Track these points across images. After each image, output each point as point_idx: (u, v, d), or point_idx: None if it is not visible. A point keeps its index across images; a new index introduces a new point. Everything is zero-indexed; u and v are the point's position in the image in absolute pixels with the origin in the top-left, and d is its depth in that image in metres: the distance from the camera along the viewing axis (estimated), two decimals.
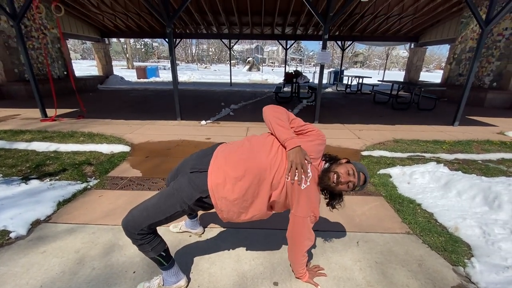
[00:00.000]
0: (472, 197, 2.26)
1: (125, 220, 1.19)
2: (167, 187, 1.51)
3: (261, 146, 1.25)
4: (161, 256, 1.26)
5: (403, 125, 5.40)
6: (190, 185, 1.19)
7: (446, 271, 1.61)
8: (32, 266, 1.55)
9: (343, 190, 1.30)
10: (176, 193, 1.19)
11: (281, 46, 13.88)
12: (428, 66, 47.85)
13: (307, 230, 1.33)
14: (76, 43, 44.85)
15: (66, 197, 2.32)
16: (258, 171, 1.18)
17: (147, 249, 1.21)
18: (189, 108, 6.75)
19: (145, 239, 1.19)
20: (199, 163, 1.26)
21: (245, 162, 1.19)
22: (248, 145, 1.27)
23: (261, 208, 1.25)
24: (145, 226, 1.16)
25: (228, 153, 1.26)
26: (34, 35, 8.20)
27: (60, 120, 5.16)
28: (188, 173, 1.23)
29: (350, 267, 1.62)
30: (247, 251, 1.73)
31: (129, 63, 27.39)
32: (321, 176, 1.27)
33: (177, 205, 1.19)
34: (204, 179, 1.19)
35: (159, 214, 1.18)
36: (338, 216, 2.16)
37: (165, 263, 1.30)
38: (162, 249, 1.26)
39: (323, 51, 4.72)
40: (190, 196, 1.18)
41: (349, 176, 1.25)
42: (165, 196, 1.21)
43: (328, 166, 1.30)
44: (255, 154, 1.21)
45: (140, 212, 1.18)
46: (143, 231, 1.17)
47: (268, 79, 17.78)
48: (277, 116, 1.26)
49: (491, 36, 7.93)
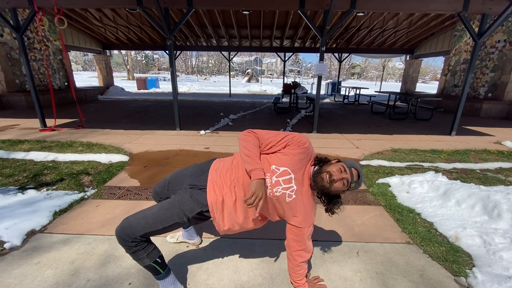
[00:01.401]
0: (472, 206, 2.25)
1: (120, 227, 1.18)
2: (154, 198, 1.56)
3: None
4: (157, 263, 1.24)
5: (400, 135, 5.44)
6: (192, 199, 1.25)
7: (448, 281, 1.58)
8: (26, 278, 1.52)
9: (339, 189, 1.26)
10: (178, 205, 1.23)
11: (279, 58, 14.15)
12: (424, 77, 48.69)
13: (302, 239, 1.32)
14: (78, 54, 45.56)
15: (63, 207, 2.29)
16: (243, 185, 1.24)
17: (142, 255, 1.20)
18: (188, 118, 6.79)
19: (139, 245, 1.18)
20: (197, 180, 1.31)
21: (234, 177, 1.26)
22: (236, 161, 1.33)
23: (253, 219, 1.30)
24: (140, 235, 1.17)
25: (221, 170, 1.32)
26: (36, 46, 8.35)
27: (59, 130, 5.17)
28: (188, 188, 1.29)
29: (350, 278, 1.59)
30: (245, 262, 1.70)
31: (130, 75, 27.74)
32: (314, 179, 1.27)
33: (176, 217, 1.23)
34: (203, 195, 1.25)
35: (158, 224, 1.20)
36: (337, 226, 2.14)
37: (161, 271, 1.27)
38: (157, 255, 1.25)
39: (320, 62, 4.81)
40: (191, 209, 1.24)
41: (342, 173, 1.23)
42: (166, 207, 1.24)
43: (318, 168, 1.29)
44: (240, 170, 1.27)
45: (138, 220, 1.19)
46: (136, 239, 1.17)
47: (267, 90, 18.00)
48: (244, 146, 1.25)
49: (484, 48, 8.13)
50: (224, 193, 1.24)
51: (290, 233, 1.34)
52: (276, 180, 1.22)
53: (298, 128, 5.93)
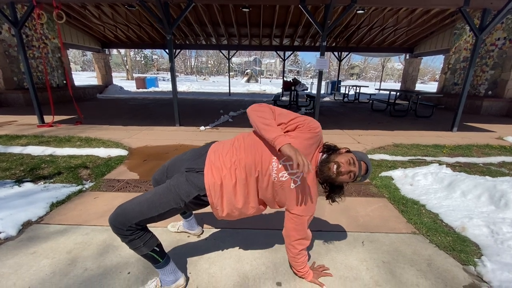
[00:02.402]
0: (478, 197, 2.21)
1: (114, 215, 1.11)
2: (154, 186, 1.49)
3: (252, 145, 1.22)
4: (155, 252, 1.19)
5: (402, 130, 5.41)
6: (188, 183, 1.17)
7: (456, 270, 1.54)
8: (21, 267, 1.46)
9: (344, 181, 1.23)
10: (173, 189, 1.15)
11: (278, 58, 14.13)
12: (423, 78, 48.82)
13: (302, 228, 1.28)
14: (77, 55, 45.46)
15: (60, 198, 2.24)
16: (245, 168, 1.17)
17: (139, 244, 1.14)
18: (188, 115, 6.74)
19: (135, 234, 1.12)
20: (194, 163, 1.24)
21: (235, 159, 1.19)
22: (238, 143, 1.26)
23: (254, 204, 1.23)
24: (135, 223, 1.10)
25: (220, 152, 1.24)
26: (35, 44, 8.29)
27: (58, 126, 5.11)
28: (184, 172, 1.21)
29: (356, 266, 1.54)
30: (247, 251, 1.65)
31: (129, 74, 27.67)
32: (320, 168, 1.22)
33: (172, 202, 1.15)
34: (201, 179, 1.17)
35: (153, 210, 1.13)
36: (341, 217, 2.09)
37: (160, 259, 1.22)
38: (155, 244, 1.19)
39: (321, 57, 4.78)
40: (188, 193, 1.15)
41: (350, 165, 1.18)
42: (160, 193, 1.17)
43: (327, 156, 1.23)
44: (245, 152, 1.20)
45: (132, 207, 1.12)
46: (132, 227, 1.10)
47: (266, 90, 17.97)
48: (261, 115, 1.16)
49: (484, 46, 8.12)
50: (223, 175, 1.16)
51: (290, 222, 1.29)
52: (284, 164, 1.17)
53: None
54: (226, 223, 1.96)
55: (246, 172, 1.18)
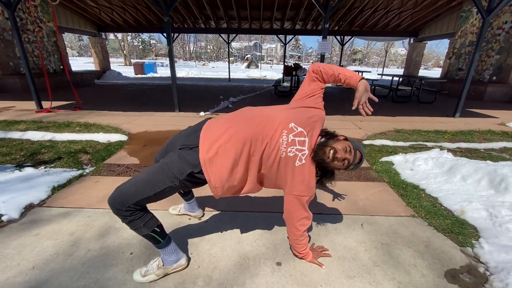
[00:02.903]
0: (478, 181, 2.21)
1: (112, 196, 1.11)
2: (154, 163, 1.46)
3: (253, 117, 1.20)
4: (155, 232, 1.19)
5: (403, 116, 5.36)
6: (181, 160, 1.14)
7: (453, 251, 1.56)
8: (24, 248, 1.49)
9: (337, 167, 1.24)
10: (166, 167, 1.13)
11: (279, 43, 13.78)
12: (426, 63, 47.90)
13: (303, 208, 1.29)
14: (73, 39, 44.48)
15: (61, 182, 2.25)
16: (245, 140, 1.13)
17: (139, 225, 1.14)
18: (187, 101, 6.67)
19: (135, 215, 1.12)
20: (187, 140, 1.21)
21: (233, 131, 1.14)
22: (239, 115, 1.23)
23: (252, 180, 1.20)
24: (133, 203, 1.09)
25: (217, 125, 1.20)
26: (29, 28, 8.06)
27: (56, 112, 5.07)
28: (178, 149, 1.18)
29: (355, 248, 1.57)
30: (248, 233, 1.67)
31: (127, 60, 27.14)
32: (316, 150, 1.20)
33: (167, 180, 1.12)
34: (195, 155, 1.13)
35: (148, 189, 1.11)
36: (340, 200, 2.11)
37: (161, 240, 1.23)
38: (155, 224, 1.19)
39: (324, 40, 4.65)
40: (181, 170, 1.12)
41: (346, 153, 1.20)
42: (154, 171, 1.14)
43: (325, 140, 1.23)
44: (244, 123, 1.17)
45: (128, 187, 1.11)
46: (130, 207, 1.09)
47: (266, 76, 17.67)
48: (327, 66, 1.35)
49: (490, 30, 7.89)
50: (220, 149, 1.11)
51: (291, 204, 1.28)
52: (293, 139, 1.16)
53: None
54: (227, 206, 1.98)
55: (248, 145, 1.13)
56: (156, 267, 1.29)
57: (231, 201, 2.05)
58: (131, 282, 1.28)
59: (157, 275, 1.28)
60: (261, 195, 2.16)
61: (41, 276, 1.30)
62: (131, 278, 1.29)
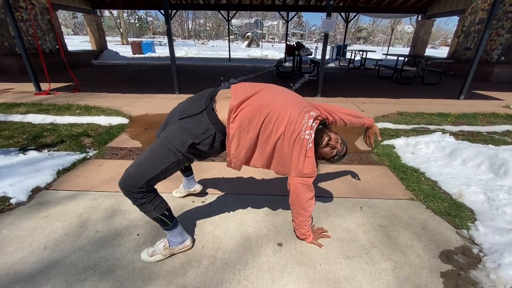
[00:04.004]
0: (478, 165, 2.23)
1: (122, 179, 1.12)
2: None
3: (283, 95, 1.24)
4: (165, 215, 1.23)
5: (407, 98, 5.28)
6: (181, 131, 1.11)
7: (449, 233, 1.61)
8: (35, 230, 1.55)
9: (325, 154, 1.33)
10: (167, 142, 1.10)
11: (281, 20, 13.24)
12: (434, 42, 46.25)
13: (309, 189, 1.31)
14: (67, 17, 42.87)
15: (66, 166, 2.28)
16: (273, 113, 1.14)
17: (149, 208, 1.16)
18: (187, 82, 6.56)
19: (146, 197, 1.14)
20: (188, 109, 1.17)
21: (242, 98, 1.13)
22: (270, 90, 1.23)
23: (262, 152, 1.23)
24: (143, 183, 1.10)
25: (222, 95, 1.22)
26: (22, 5, 7.74)
27: (55, 94, 5.01)
28: (177, 120, 1.15)
29: (354, 229, 1.62)
30: (250, 215, 1.72)
31: (124, 39, 26.32)
32: (315, 133, 1.26)
33: (171, 155, 1.11)
34: (194, 123, 1.11)
35: (153, 167, 1.10)
36: (341, 184, 2.14)
37: (169, 223, 1.27)
38: (164, 208, 1.22)
39: (327, 18, 4.46)
40: (182, 143, 1.10)
41: (337, 143, 1.32)
42: (156, 148, 1.13)
43: (323, 128, 1.32)
44: (276, 98, 1.19)
45: (135, 168, 1.12)
46: (142, 189, 1.11)
47: (268, 55, 17.18)
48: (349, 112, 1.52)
49: (502, 7, 7.51)
50: (246, 113, 1.11)
51: (299, 187, 1.28)
52: (311, 125, 1.21)
53: (301, 92, 5.70)
54: (229, 189, 2.02)
55: (275, 118, 1.13)
56: (162, 247, 1.34)
57: (233, 184, 2.08)
58: (139, 261, 1.34)
59: (164, 255, 1.34)
60: (263, 178, 2.20)
61: (53, 256, 1.36)
62: (139, 257, 1.35)
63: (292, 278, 1.28)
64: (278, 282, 1.25)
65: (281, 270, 1.32)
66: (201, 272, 1.29)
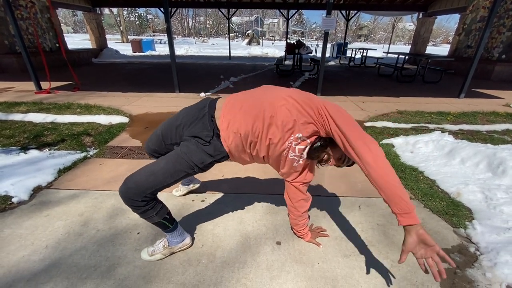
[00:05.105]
0: (476, 164, 2.24)
1: (125, 188, 1.09)
2: (151, 155, 1.42)
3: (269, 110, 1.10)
4: (166, 219, 1.25)
5: (407, 97, 5.28)
6: (199, 150, 1.14)
7: (446, 232, 1.62)
8: (37, 228, 1.56)
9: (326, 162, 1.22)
10: (186, 157, 1.13)
11: (282, 17, 13.18)
12: (435, 39, 46.03)
13: (300, 191, 1.32)
14: (67, 15, 42.76)
15: (67, 165, 2.30)
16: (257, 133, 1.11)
17: (151, 214, 1.17)
18: (187, 81, 6.56)
19: (149, 204, 1.14)
20: (197, 129, 1.16)
21: (257, 111, 1.11)
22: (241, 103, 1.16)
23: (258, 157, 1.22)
24: (150, 192, 1.11)
25: (237, 115, 1.14)
26: (22, 3, 7.73)
27: (55, 93, 5.02)
28: (192, 139, 1.16)
29: (352, 228, 1.63)
30: (249, 214, 1.74)
31: (124, 37, 26.27)
32: (310, 152, 1.14)
33: (187, 169, 1.15)
34: (211, 149, 1.14)
35: (168, 178, 1.13)
36: (340, 183, 2.15)
37: (170, 225, 1.29)
38: (165, 212, 1.24)
39: (328, 16, 4.45)
40: (201, 160, 1.14)
41: (339, 161, 1.17)
42: (173, 161, 1.14)
43: (323, 145, 1.12)
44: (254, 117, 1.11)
45: (146, 177, 1.11)
46: (146, 197, 1.11)
47: (268, 53, 17.15)
48: None
49: (504, 4, 7.47)
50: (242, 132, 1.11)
51: (288, 186, 1.33)
52: (295, 147, 1.13)
53: None
54: (228, 188, 2.03)
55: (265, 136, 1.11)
56: (162, 247, 1.36)
57: (232, 183, 2.10)
58: (140, 260, 1.36)
59: (164, 254, 1.36)
60: (262, 177, 2.21)
61: (55, 255, 1.38)
62: (140, 256, 1.37)
63: (290, 276, 1.29)
64: (277, 280, 1.27)
65: (279, 269, 1.34)
66: (201, 270, 1.31)
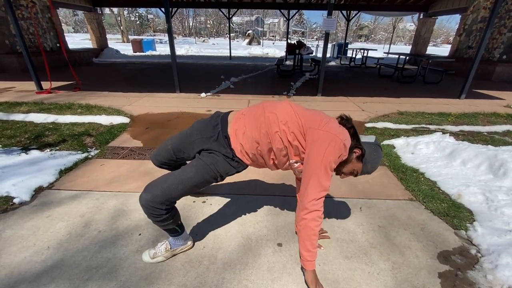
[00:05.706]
0: (477, 166, 2.24)
1: (152, 196, 1.08)
2: (160, 166, 1.43)
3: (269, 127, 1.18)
4: (178, 225, 1.28)
5: (408, 98, 5.27)
6: (227, 162, 1.21)
7: (448, 234, 1.63)
8: (38, 229, 1.57)
9: None
10: (213, 167, 1.19)
11: (282, 17, 13.18)
12: (435, 40, 45.98)
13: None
14: (68, 15, 42.78)
15: (68, 165, 2.30)
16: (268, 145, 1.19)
17: (169, 221, 1.19)
18: (188, 81, 6.56)
19: (170, 212, 1.17)
20: (215, 146, 1.20)
21: (264, 130, 1.17)
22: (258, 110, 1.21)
23: None
24: (174, 200, 1.16)
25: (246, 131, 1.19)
26: (23, 3, 7.73)
27: (56, 93, 5.03)
28: (219, 153, 1.20)
29: (353, 230, 1.63)
30: (250, 216, 1.74)
31: (124, 36, 26.28)
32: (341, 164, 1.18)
33: (212, 178, 1.21)
34: (235, 164, 1.23)
35: (195, 188, 1.18)
36: (340, 184, 2.15)
37: (179, 231, 1.30)
38: (179, 218, 1.27)
39: (328, 17, 4.45)
40: (227, 171, 1.22)
41: (351, 174, 1.27)
42: (202, 171, 1.17)
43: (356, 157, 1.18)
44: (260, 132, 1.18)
45: (175, 186, 1.12)
46: (169, 206, 1.14)
47: (269, 53, 17.14)
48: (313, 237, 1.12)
49: (505, 5, 7.46)
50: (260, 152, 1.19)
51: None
52: (298, 170, 1.23)
53: (302, 91, 5.74)
54: (230, 189, 2.03)
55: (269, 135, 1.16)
56: (164, 249, 1.36)
57: (233, 184, 2.10)
58: (141, 261, 1.36)
59: (165, 257, 1.36)
60: (263, 179, 2.21)
61: (57, 256, 1.38)
62: (141, 258, 1.37)
63: (292, 278, 1.29)
64: (278, 282, 1.27)
65: (280, 270, 1.34)
66: (202, 272, 1.31)
